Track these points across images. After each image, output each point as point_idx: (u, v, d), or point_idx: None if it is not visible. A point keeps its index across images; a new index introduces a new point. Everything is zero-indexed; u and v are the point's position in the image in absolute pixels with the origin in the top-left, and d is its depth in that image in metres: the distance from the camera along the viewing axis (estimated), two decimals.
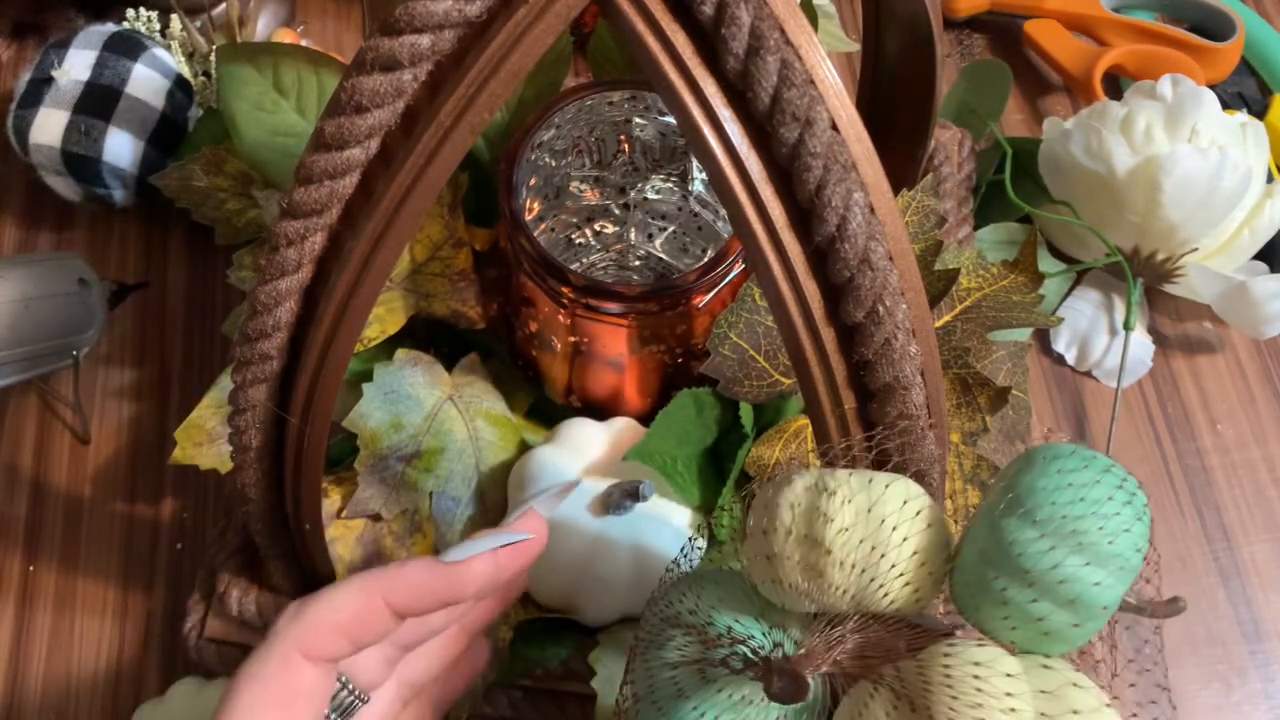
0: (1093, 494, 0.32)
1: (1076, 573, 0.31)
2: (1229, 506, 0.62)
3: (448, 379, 0.55)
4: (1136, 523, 0.32)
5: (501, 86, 0.32)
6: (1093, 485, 0.32)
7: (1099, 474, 0.33)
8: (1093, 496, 0.32)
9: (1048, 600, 0.32)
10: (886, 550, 0.33)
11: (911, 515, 0.34)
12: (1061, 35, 0.73)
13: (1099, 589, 0.32)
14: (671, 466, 0.52)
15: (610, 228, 0.62)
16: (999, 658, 0.32)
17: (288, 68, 0.55)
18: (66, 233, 0.69)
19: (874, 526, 0.33)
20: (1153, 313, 0.67)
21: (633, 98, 0.55)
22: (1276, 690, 0.57)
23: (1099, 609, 0.32)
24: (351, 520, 0.53)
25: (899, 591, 0.34)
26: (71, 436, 0.63)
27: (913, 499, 0.34)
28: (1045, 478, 0.33)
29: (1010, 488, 0.33)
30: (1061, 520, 0.32)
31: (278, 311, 0.37)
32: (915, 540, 0.34)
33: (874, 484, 0.34)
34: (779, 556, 0.34)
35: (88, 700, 0.57)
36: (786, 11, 0.30)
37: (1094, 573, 0.32)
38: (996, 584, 0.32)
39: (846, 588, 0.33)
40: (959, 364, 0.54)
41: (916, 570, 0.34)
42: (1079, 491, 0.32)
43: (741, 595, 0.37)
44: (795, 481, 0.34)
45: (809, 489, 0.34)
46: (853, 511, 0.33)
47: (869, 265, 0.32)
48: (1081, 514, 0.32)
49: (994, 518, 0.33)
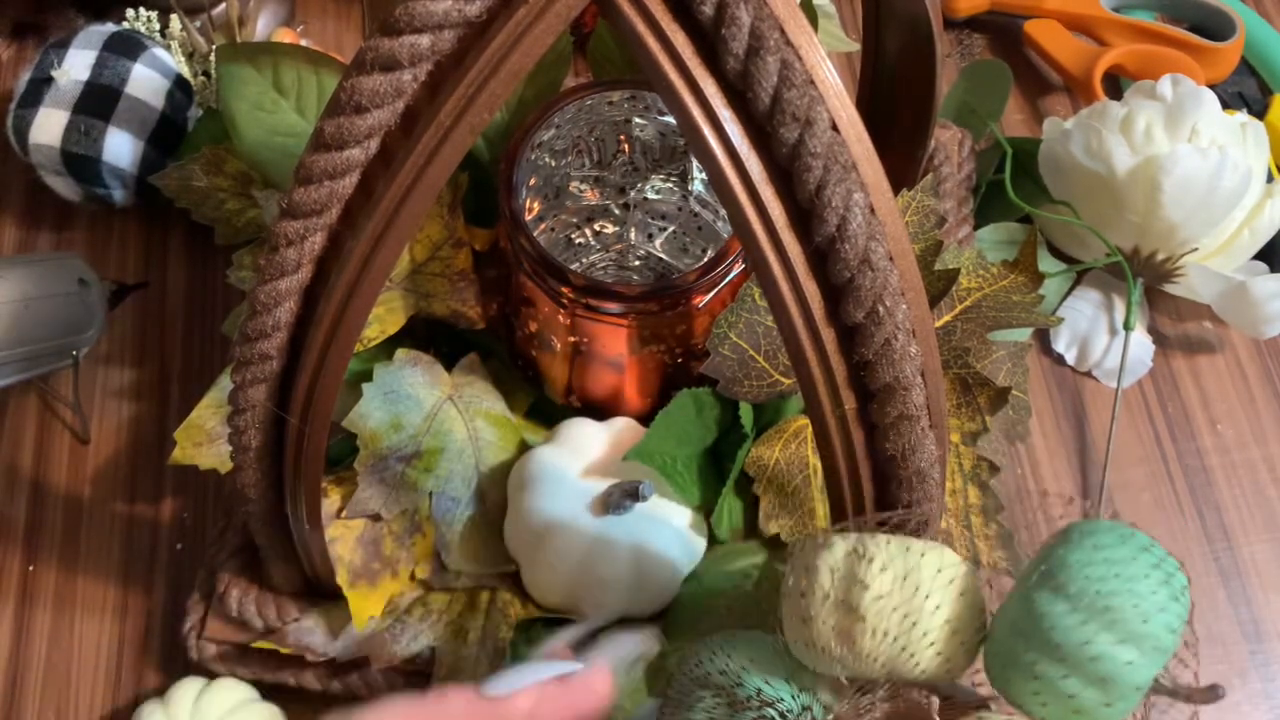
0: (1128, 570, 0.32)
1: (1107, 650, 0.31)
2: (1229, 506, 0.62)
3: (448, 379, 0.55)
4: (1173, 603, 0.32)
5: (501, 87, 0.32)
6: (1128, 562, 0.32)
7: (1135, 551, 0.32)
8: (1128, 573, 0.32)
9: (1078, 677, 0.31)
10: (919, 619, 0.33)
11: (945, 584, 0.33)
12: (1061, 35, 0.73)
13: (1130, 668, 0.31)
14: (671, 466, 0.52)
15: (610, 228, 0.62)
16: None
17: (287, 68, 0.55)
18: (66, 233, 0.69)
19: (908, 594, 0.33)
20: (1153, 313, 0.67)
21: (633, 98, 0.55)
22: (1276, 690, 0.57)
23: (1131, 689, 0.31)
24: (351, 520, 0.53)
25: (931, 661, 0.33)
26: (71, 436, 0.63)
27: (947, 567, 0.34)
28: (1080, 552, 0.32)
29: (1044, 560, 0.33)
30: (1094, 596, 0.31)
31: (277, 311, 0.37)
32: (948, 609, 0.33)
33: (911, 551, 0.34)
34: (814, 620, 0.34)
35: (87, 700, 0.57)
36: (786, 11, 0.30)
37: (1125, 651, 0.31)
38: (1028, 658, 0.32)
39: (879, 655, 0.33)
40: (959, 364, 0.54)
41: (949, 640, 0.33)
42: (1114, 567, 0.32)
43: (773, 656, 0.36)
44: (836, 545, 0.34)
45: (848, 554, 0.34)
46: (889, 579, 0.33)
47: (869, 265, 0.32)
48: (1115, 590, 0.31)
49: (1027, 590, 0.32)
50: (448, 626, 0.52)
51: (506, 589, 0.53)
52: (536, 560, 0.52)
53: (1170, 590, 0.32)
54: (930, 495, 0.37)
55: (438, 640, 0.52)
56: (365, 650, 0.52)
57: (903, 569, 0.33)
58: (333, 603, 0.53)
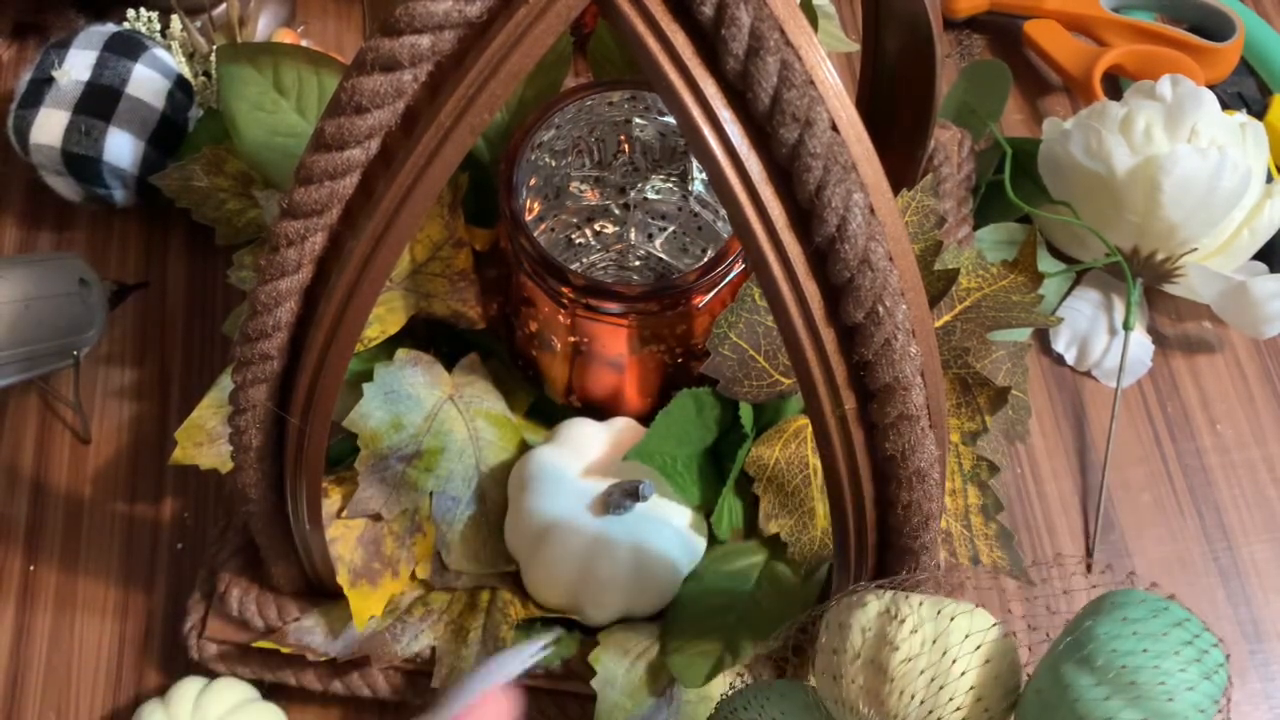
0: (1157, 646, 0.31)
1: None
2: (1229, 506, 0.62)
3: (448, 379, 0.55)
4: (1204, 681, 0.30)
5: (502, 87, 0.32)
6: (1158, 637, 0.31)
7: (1168, 625, 0.31)
8: (1156, 649, 0.31)
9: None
10: (946, 683, 0.32)
11: (972, 649, 0.33)
12: (1061, 35, 0.73)
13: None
14: (671, 466, 0.52)
15: (610, 228, 0.62)
16: None
17: (288, 68, 0.55)
18: (67, 233, 0.69)
19: (936, 658, 0.33)
20: (1152, 313, 0.67)
21: (633, 98, 0.55)
22: (1276, 690, 0.57)
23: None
24: (352, 520, 0.53)
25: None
26: (72, 436, 0.63)
27: (976, 633, 0.33)
28: (1109, 624, 0.32)
29: (1074, 630, 0.32)
30: (1120, 670, 0.30)
31: (278, 312, 0.38)
32: (974, 676, 0.33)
33: (942, 614, 0.33)
34: (844, 678, 0.34)
35: (88, 700, 0.57)
36: (786, 12, 0.30)
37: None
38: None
39: (906, 716, 0.33)
40: (959, 364, 0.54)
41: (974, 706, 0.33)
42: (1143, 641, 0.31)
43: (805, 709, 0.36)
44: (870, 604, 0.34)
45: (881, 614, 0.34)
46: (919, 641, 0.33)
47: (869, 266, 0.32)
48: (1141, 665, 0.30)
49: (1055, 661, 0.32)
50: (448, 626, 0.52)
51: (507, 589, 0.53)
52: (537, 560, 0.52)
53: (1202, 668, 0.31)
54: (930, 495, 0.37)
55: (438, 640, 0.52)
56: (366, 650, 0.52)
57: (933, 632, 0.33)
58: (333, 602, 0.53)
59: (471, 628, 0.52)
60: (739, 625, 0.51)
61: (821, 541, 0.53)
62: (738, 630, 0.51)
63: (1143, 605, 0.32)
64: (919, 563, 0.39)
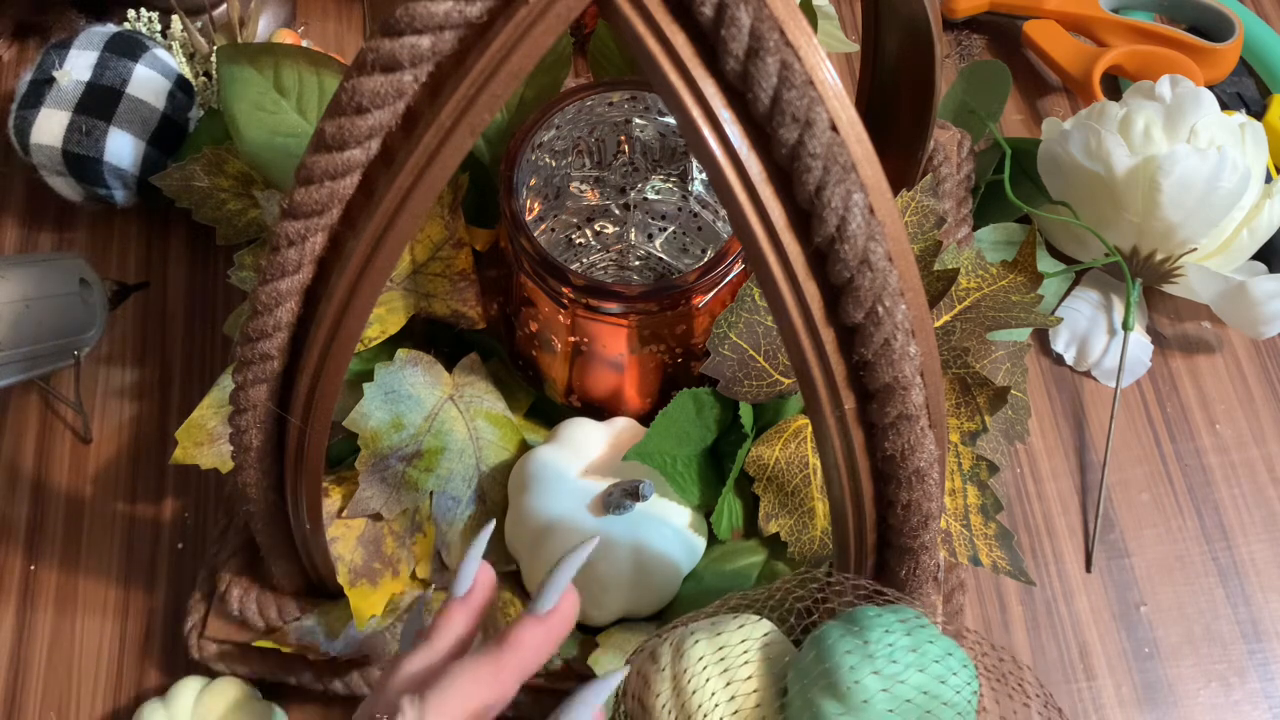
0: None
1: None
2: (1228, 506, 0.62)
3: (448, 379, 0.55)
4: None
5: (502, 87, 0.32)
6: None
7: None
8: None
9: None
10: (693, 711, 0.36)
11: (704, 677, 0.37)
12: (1061, 36, 0.73)
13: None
14: (671, 466, 0.52)
15: (610, 228, 0.62)
16: None
17: (288, 68, 0.55)
18: (68, 233, 0.69)
19: (680, 689, 0.36)
20: (1151, 313, 0.67)
21: (633, 98, 0.55)
22: (1275, 690, 0.57)
23: None
24: (352, 520, 0.53)
25: None
26: (73, 436, 0.63)
27: (707, 655, 0.38)
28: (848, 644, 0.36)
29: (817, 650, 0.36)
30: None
31: (278, 311, 0.38)
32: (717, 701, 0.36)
33: (686, 649, 0.38)
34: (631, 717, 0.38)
35: (89, 700, 0.57)
36: (786, 13, 0.30)
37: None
38: None
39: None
40: (958, 364, 0.54)
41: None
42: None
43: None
44: (645, 648, 0.38)
45: (645, 656, 0.38)
46: (665, 678, 0.37)
47: (869, 266, 0.32)
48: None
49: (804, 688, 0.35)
50: None
51: (507, 588, 0.53)
52: (537, 560, 0.52)
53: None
54: (929, 495, 0.37)
55: None
56: (366, 649, 0.52)
57: (672, 667, 0.38)
58: (333, 602, 0.53)
59: None
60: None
61: (821, 541, 0.53)
62: None
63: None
64: (919, 562, 0.39)
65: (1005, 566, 0.53)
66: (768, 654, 0.37)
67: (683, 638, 0.37)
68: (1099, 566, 0.60)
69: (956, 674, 0.35)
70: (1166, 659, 0.58)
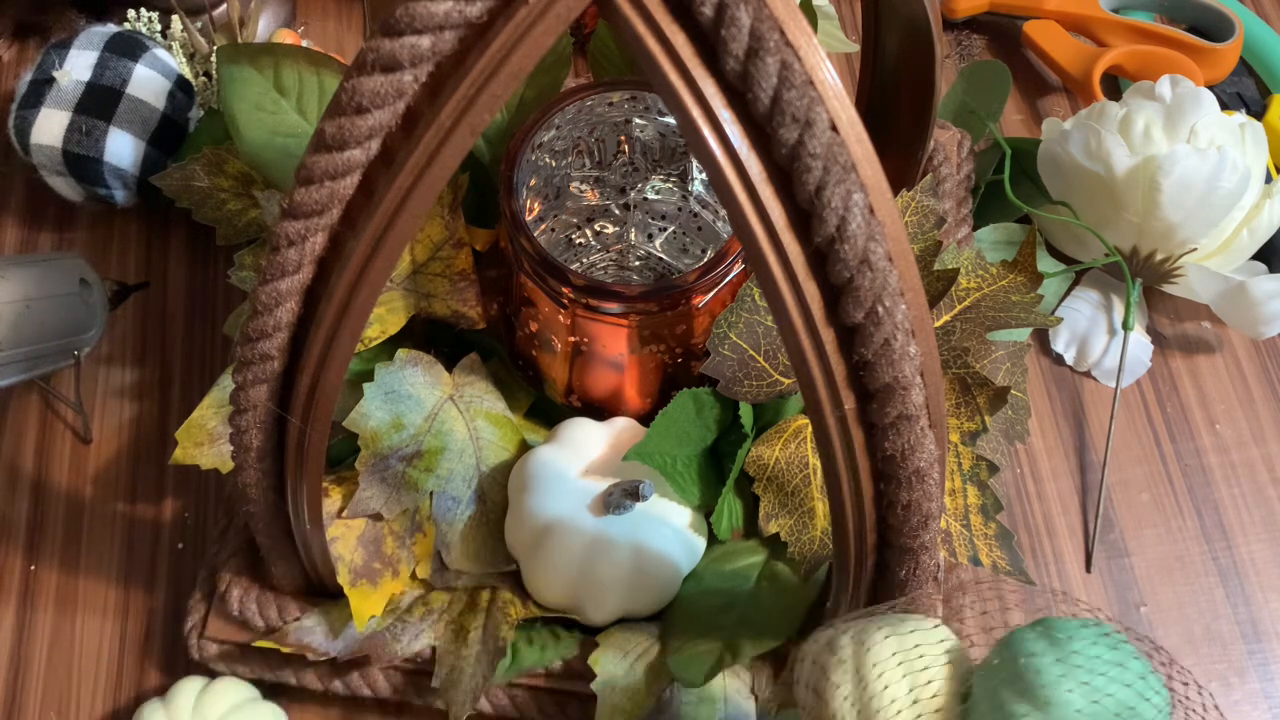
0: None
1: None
2: (1228, 506, 0.62)
3: (448, 379, 0.55)
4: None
5: (502, 88, 0.32)
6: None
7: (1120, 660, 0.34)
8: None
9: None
10: (880, 707, 0.35)
11: (897, 673, 0.36)
12: (1060, 36, 0.73)
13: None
14: (671, 466, 0.52)
15: (610, 228, 0.62)
16: None
17: (288, 68, 0.55)
18: (68, 233, 0.69)
19: (865, 683, 0.35)
20: (1151, 313, 0.67)
21: (633, 98, 0.55)
22: (1275, 689, 0.57)
23: None
24: (352, 520, 0.53)
25: None
26: (73, 436, 0.63)
27: (901, 652, 0.36)
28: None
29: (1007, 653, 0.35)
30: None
31: (279, 312, 0.38)
32: (907, 697, 0.35)
33: (872, 642, 0.36)
34: (803, 709, 0.37)
35: (88, 700, 0.57)
36: (786, 12, 0.30)
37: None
38: None
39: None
40: (958, 364, 0.54)
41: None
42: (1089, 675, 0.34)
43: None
44: (820, 636, 0.37)
45: (824, 645, 0.37)
46: (848, 670, 0.36)
47: (869, 266, 0.32)
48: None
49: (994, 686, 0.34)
50: (448, 626, 0.52)
51: (507, 588, 0.53)
52: (537, 560, 0.52)
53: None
54: (929, 495, 0.37)
55: (438, 640, 0.52)
56: (366, 649, 0.52)
57: (856, 660, 0.36)
58: (334, 602, 0.53)
59: (471, 627, 0.52)
60: (739, 625, 0.51)
61: (821, 541, 0.53)
62: (738, 630, 0.51)
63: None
64: (919, 562, 0.39)
65: (1005, 566, 0.53)
66: (950, 657, 0.37)
67: (865, 630, 0.36)
68: (1099, 566, 0.60)
69: (1154, 696, 0.34)
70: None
